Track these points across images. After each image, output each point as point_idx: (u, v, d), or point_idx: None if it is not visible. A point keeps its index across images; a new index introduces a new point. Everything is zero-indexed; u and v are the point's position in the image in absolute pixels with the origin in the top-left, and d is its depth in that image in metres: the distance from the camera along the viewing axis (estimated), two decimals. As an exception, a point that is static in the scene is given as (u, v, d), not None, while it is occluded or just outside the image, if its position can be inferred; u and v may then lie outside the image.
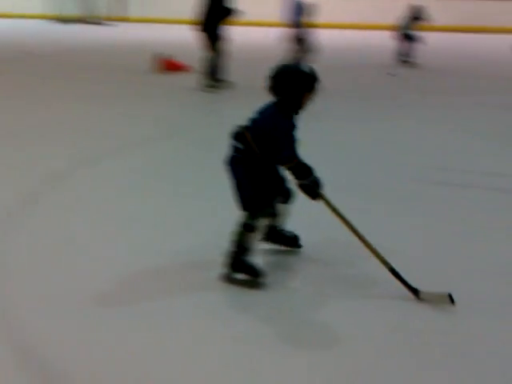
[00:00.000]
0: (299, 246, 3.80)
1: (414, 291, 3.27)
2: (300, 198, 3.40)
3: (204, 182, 5.07)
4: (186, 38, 11.27)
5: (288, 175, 3.33)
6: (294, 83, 3.23)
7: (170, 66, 11.14)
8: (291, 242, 3.80)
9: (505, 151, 6.17)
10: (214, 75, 9.16)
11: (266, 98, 3.28)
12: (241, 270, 3.43)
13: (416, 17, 12.57)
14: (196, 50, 9.48)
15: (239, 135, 3.32)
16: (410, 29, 12.54)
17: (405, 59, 12.52)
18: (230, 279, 3.41)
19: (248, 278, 3.39)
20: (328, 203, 3.32)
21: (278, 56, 7.92)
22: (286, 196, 3.55)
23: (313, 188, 3.25)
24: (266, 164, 3.31)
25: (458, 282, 3.39)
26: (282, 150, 3.20)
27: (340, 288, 3.35)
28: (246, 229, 3.35)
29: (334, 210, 3.32)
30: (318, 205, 3.31)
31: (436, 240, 3.97)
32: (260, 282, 3.38)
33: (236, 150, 3.34)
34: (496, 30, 19.20)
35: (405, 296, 3.23)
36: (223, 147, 3.42)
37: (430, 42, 13.11)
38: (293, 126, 3.22)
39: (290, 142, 3.20)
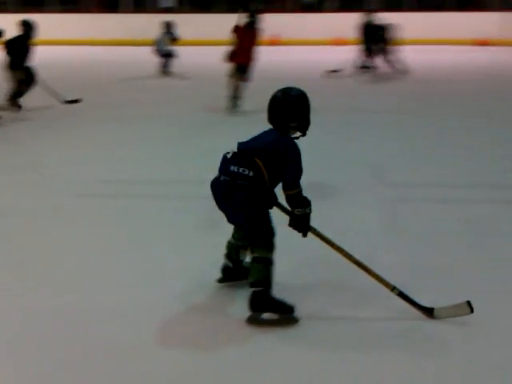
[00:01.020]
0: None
1: (428, 311, 3.20)
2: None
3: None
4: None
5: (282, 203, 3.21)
6: (307, 107, 3.27)
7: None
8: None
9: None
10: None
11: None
12: (271, 308, 3.19)
13: (169, 32, 12.76)
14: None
15: (247, 161, 3.13)
16: (165, 44, 12.72)
17: (166, 71, 12.77)
18: (259, 321, 3.17)
19: (279, 317, 3.18)
20: (319, 235, 3.23)
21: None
22: None
23: (307, 219, 3.16)
24: (268, 191, 3.17)
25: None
26: (290, 176, 3.14)
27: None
28: (267, 263, 3.14)
29: (328, 241, 3.23)
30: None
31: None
32: (295, 316, 3.18)
33: (241, 176, 3.13)
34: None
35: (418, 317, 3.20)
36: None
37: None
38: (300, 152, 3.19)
39: (299, 168, 3.16)
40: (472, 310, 3.12)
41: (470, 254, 4.01)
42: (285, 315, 3.17)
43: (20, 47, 8.70)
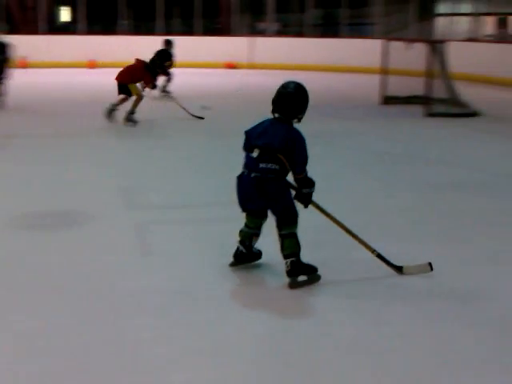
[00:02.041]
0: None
1: (399, 268, 3.96)
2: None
3: None
4: None
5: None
6: (306, 99, 3.84)
7: None
8: (258, 256, 4.11)
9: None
10: None
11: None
12: (304, 272, 3.80)
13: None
14: None
15: (272, 158, 3.71)
16: None
17: None
18: (298, 284, 3.77)
19: (308, 277, 3.81)
20: (320, 208, 3.95)
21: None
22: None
23: (311, 196, 3.83)
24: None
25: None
26: (301, 162, 3.77)
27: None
28: (295, 236, 3.77)
29: (327, 214, 3.96)
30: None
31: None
32: (319, 275, 3.84)
33: (270, 171, 3.72)
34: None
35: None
36: None
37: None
38: None
39: (307, 155, 3.79)
40: (432, 269, 3.97)
41: (219, 272, 4.15)
42: (313, 275, 3.83)
43: None
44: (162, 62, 10.81)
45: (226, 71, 18.95)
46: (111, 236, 4.70)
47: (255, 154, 3.75)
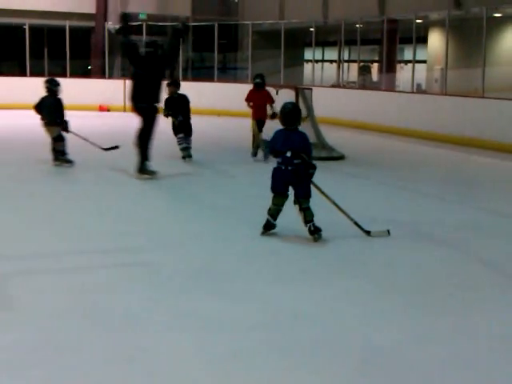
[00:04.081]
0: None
1: (367, 232, 5.96)
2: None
3: None
4: None
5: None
6: (300, 111, 6.01)
7: None
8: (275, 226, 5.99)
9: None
10: None
11: None
12: (318, 230, 5.81)
13: None
14: None
15: (299, 156, 5.65)
16: None
17: None
18: (319, 237, 5.81)
19: (319, 233, 5.81)
20: (316, 186, 5.87)
21: None
22: None
23: (312, 176, 5.78)
24: None
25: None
26: (309, 153, 5.78)
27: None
28: (310, 208, 5.75)
29: (320, 190, 5.92)
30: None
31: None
32: (321, 233, 5.83)
33: (299, 164, 5.66)
34: None
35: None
36: None
37: None
38: None
39: (311, 147, 5.95)
40: (389, 233, 6.01)
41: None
42: (320, 231, 5.83)
43: None
44: None
45: (98, 114, 18.81)
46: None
47: (289, 154, 5.64)
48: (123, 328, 3.99)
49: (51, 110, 9.48)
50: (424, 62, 19.20)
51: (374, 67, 22.78)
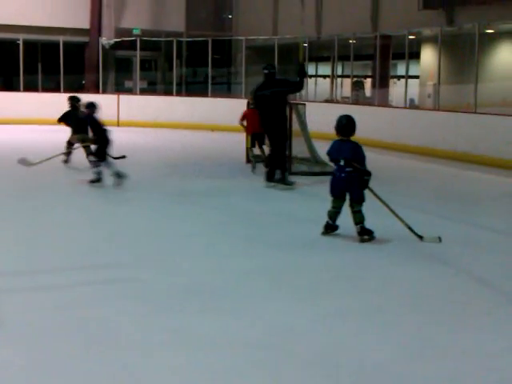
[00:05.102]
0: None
1: (420, 237, 6.45)
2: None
3: None
4: None
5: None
6: (355, 123, 6.49)
7: None
8: (337, 228, 6.65)
9: None
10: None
11: None
12: (368, 233, 6.43)
13: None
14: None
15: (351, 164, 6.27)
16: None
17: None
18: (365, 240, 6.38)
19: (369, 236, 6.40)
20: (372, 191, 6.52)
21: None
22: None
23: (368, 182, 6.37)
24: None
25: None
26: (362, 161, 6.33)
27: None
28: (361, 212, 6.40)
29: (376, 196, 6.58)
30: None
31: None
32: (374, 236, 6.44)
33: (351, 171, 6.30)
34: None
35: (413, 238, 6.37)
36: None
37: None
38: None
39: (364, 155, 6.39)
40: (441, 240, 6.44)
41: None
42: (371, 235, 6.43)
43: None
44: None
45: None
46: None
47: (342, 162, 6.30)
48: (113, 346, 3.96)
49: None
50: (417, 77, 19.28)
51: (368, 82, 22.87)
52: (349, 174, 6.32)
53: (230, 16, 25.02)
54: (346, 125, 6.43)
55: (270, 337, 4.13)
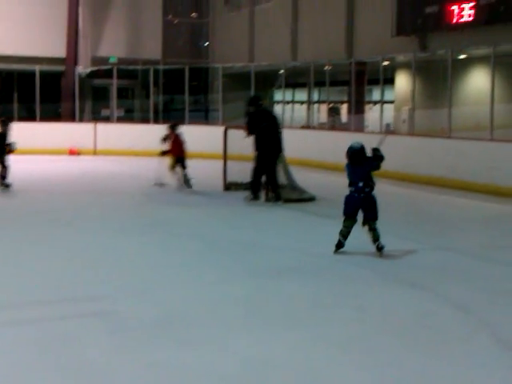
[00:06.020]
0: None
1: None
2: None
3: None
4: None
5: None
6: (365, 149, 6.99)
7: None
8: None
9: None
10: None
11: None
12: (383, 248, 6.92)
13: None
14: None
15: (368, 186, 6.90)
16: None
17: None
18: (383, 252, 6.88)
19: (383, 250, 6.90)
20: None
21: None
22: None
23: (382, 158, 7.14)
24: None
25: None
26: (377, 167, 7.07)
27: None
28: (377, 229, 6.92)
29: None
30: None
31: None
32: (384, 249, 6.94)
33: (368, 192, 6.92)
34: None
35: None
36: None
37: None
38: None
39: (377, 165, 7.05)
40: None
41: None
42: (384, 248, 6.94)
43: None
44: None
45: (69, 157, 18.73)
46: None
47: (361, 184, 6.85)
48: (89, 380, 3.90)
49: None
50: (392, 102, 19.50)
51: (344, 108, 23.08)
52: (367, 195, 6.87)
53: (206, 43, 25.21)
54: (357, 153, 6.91)
55: (246, 369, 4.09)
